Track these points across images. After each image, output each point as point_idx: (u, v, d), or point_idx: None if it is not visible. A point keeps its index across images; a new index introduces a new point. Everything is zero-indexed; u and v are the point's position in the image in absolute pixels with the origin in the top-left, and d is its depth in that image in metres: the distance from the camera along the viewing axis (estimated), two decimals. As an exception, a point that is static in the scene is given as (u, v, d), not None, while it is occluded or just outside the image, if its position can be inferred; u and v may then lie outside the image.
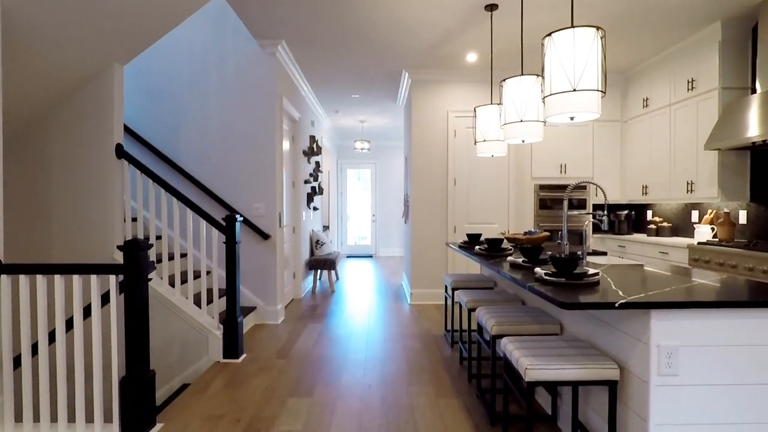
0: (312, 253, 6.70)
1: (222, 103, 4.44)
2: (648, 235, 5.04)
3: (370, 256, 10.71)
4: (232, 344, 3.36)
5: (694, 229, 4.52)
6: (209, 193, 4.41)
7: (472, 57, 4.83)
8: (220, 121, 4.45)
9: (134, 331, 2.24)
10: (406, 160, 6.27)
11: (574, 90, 2.01)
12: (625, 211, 5.49)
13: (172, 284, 3.55)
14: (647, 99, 5.03)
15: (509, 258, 2.59)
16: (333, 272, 7.68)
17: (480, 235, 3.79)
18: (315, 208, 6.98)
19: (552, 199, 5.50)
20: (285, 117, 5.10)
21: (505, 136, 2.93)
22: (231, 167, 4.45)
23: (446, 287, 3.96)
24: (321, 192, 7.29)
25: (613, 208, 5.79)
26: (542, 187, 5.49)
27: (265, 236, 4.39)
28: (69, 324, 2.44)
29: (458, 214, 5.42)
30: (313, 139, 6.49)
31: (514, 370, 1.91)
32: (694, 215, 4.71)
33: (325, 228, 10.06)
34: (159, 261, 3.66)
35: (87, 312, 2.42)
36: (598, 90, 2.03)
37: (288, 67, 4.92)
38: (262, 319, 4.47)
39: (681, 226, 4.93)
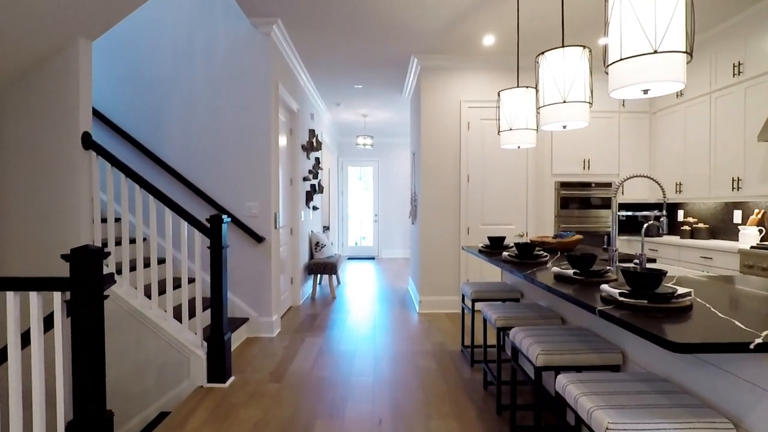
0: (311, 256, 6.23)
1: (210, 89, 3.97)
2: (681, 238, 4.57)
3: (373, 258, 10.23)
4: (218, 366, 2.88)
5: (738, 231, 4.05)
6: (196, 190, 3.93)
7: (489, 40, 4.35)
8: (208, 110, 3.97)
9: (84, 364, 1.76)
10: (413, 155, 5.80)
11: (655, 52, 1.54)
12: (654, 211, 5.01)
13: (149, 295, 3.07)
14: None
15: (554, 268, 2.11)
16: (334, 277, 7.22)
17: (503, 238, 3.31)
18: (315, 208, 6.50)
19: (574, 197, 5.02)
20: (281, 107, 4.62)
21: (543, 122, 2.45)
22: (220, 162, 3.97)
23: (463, 297, 3.48)
24: (321, 190, 6.81)
25: (639, 208, 5.32)
26: (563, 185, 5.02)
27: (259, 239, 3.91)
28: (3, 354, 1.97)
29: (472, 214, 4.94)
30: (312, 133, 6.02)
31: (564, 402, 1.45)
32: (737, 215, 4.23)
33: (326, 229, 9.59)
34: (133, 269, 3.19)
35: (27, 339, 1.95)
36: (684, 52, 1.55)
37: (285, 51, 4.44)
38: (256, 332, 3.99)
39: (720, 228, 4.45)
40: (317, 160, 6.54)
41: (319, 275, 6.18)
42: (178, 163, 3.98)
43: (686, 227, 4.60)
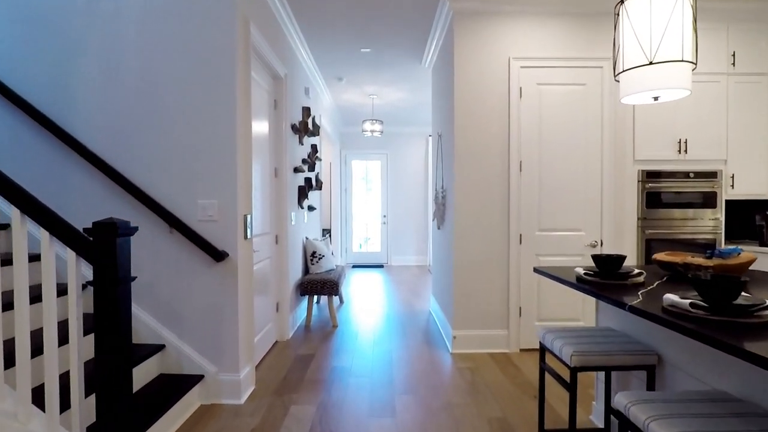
0: (306, 269, 4.87)
1: (141, 33, 2.61)
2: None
3: (381, 266, 8.86)
4: (111, 507, 1.52)
5: None
6: (123, 182, 2.58)
7: (559, -40, 2.98)
8: (140, 65, 2.62)
9: None
10: (439, 138, 4.42)
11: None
12: (780, 211, 3.62)
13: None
14: (834, 32, 3.16)
15: None
16: (336, 298, 5.85)
17: (622, 258, 1.93)
18: (311, 208, 5.15)
19: (666, 192, 3.64)
20: (259, 64, 3.27)
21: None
22: (160, 139, 2.62)
23: (544, 349, 2.12)
24: (319, 186, 5.46)
25: (753, 206, 3.93)
26: (650, 176, 3.64)
27: (218, 255, 2.55)
28: None
29: (526, 216, 3.56)
30: (308, 112, 4.67)
31: None
32: None
33: (326, 233, 8.28)
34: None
35: None
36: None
37: (262, -18, 3.09)
38: (214, 396, 2.64)
39: None
40: (314, 147, 5.19)
41: (316, 296, 4.81)
42: (95, 139, 2.63)
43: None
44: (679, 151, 3.64)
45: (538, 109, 3.54)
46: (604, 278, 1.90)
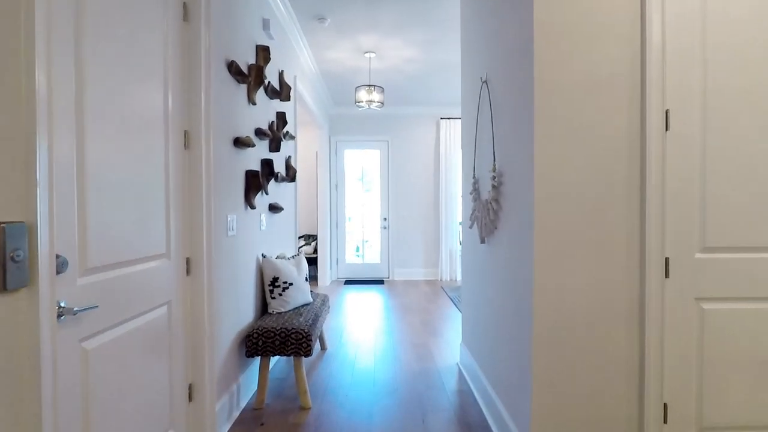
0: (264, 306, 3.09)
1: None
2: None
3: (381, 282, 7.07)
4: None
5: None
6: None
7: None
8: None
9: None
10: (485, 85, 2.61)
11: None
12: None
13: None
14: None
15: None
16: (308, 353, 4.02)
17: None
18: (274, 208, 3.35)
19: None
20: None
21: None
22: None
23: None
24: (291, 175, 3.68)
25: None
26: None
27: None
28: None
29: (677, 220, 1.78)
30: (265, 53, 2.89)
31: None
32: None
33: (310, 240, 6.52)
34: None
35: None
36: None
37: None
38: None
39: None
40: (281, 117, 3.41)
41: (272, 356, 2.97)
42: None
43: None
44: None
45: (699, 8, 1.77)
46: None
